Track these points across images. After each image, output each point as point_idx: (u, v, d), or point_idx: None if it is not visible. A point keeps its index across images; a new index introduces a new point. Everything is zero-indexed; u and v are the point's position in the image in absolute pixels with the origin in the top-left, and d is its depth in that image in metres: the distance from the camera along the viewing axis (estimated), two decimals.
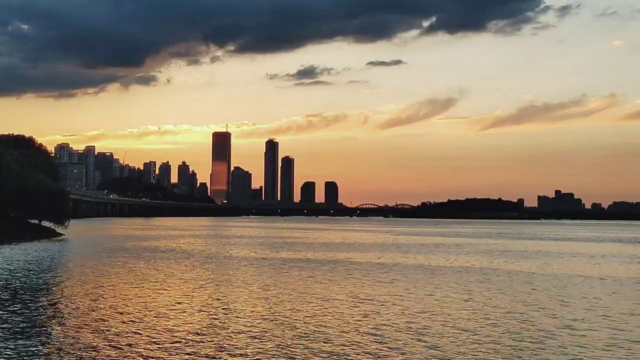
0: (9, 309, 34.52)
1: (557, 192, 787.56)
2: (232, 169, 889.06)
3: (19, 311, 33.80)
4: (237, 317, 33.17)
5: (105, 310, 34.65)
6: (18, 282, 46.92)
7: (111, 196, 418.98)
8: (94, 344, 26.35)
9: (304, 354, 25.13)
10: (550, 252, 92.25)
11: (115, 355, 24.69)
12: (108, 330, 29.08)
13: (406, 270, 59.84)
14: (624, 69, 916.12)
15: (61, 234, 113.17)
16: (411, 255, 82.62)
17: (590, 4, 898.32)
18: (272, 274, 55.00)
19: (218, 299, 39.47)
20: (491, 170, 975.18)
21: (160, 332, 28.92)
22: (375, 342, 27.34)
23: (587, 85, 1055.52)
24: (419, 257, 77.90)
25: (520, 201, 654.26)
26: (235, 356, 24.84)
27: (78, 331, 28.77)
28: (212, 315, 33.67)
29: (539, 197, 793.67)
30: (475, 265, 66.79)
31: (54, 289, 43.91)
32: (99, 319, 31.96)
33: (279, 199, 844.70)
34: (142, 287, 45.28)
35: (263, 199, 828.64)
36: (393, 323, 31.62)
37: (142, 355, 24.79)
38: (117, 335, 28.18)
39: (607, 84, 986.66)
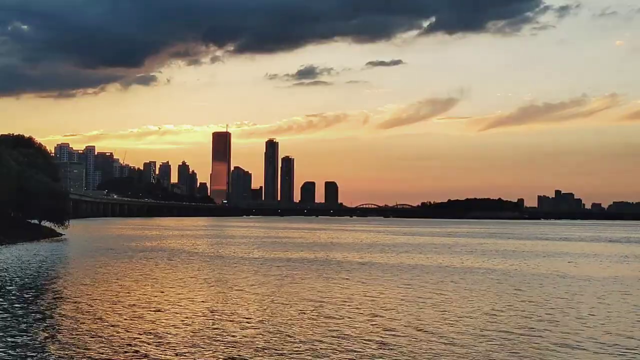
0: (8, 308, 34.59)
1: (557, 192, 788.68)
2: (232, 169, 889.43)
3: (18, 311, 33.89)
4: (236, 317, 33.25)
5: (104, 310, 34.73)
6: (17, 282, 47.00)
7: (111, 196, 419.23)
8: (92, 343, 26.43)
9: (303, 354, 25.20)
10: (549, 252, 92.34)
11: (113, 354, 24.76)
12: (107, 330, 29.17)
13: (405, 271, 59.94)
14: (625, 69, 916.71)
15: (61, 234, 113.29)
16: (410, 255, 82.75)
17: (590, 4, 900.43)
18: (271, 274, 55.07)
19: (217, 299, 39.57)
20: (491, 170, 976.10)
21: (159, 332, 28.99)
22: (373, 342, 27.43)
23: (588, 85, 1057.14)
24: (418, 258, 78.02)
25: (520, 201, 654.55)
26: (234, 356, 24.89)
27: (77, 331, 28.85)
28: (210, 315, 33.74)
29: (539, 197, 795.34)
30: (474, 266, 66.92)
31: (53, 289, 43.98)
32: (98, 319, 32.06)
33: (279, 199, 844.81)
34: (142, 287, 45.37)
35: (263, 199, 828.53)
36: (390, 323, 31.72)
37: (141, 354, 24.86)
38: (116, 335, 28.26)
39: (608, 84, 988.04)
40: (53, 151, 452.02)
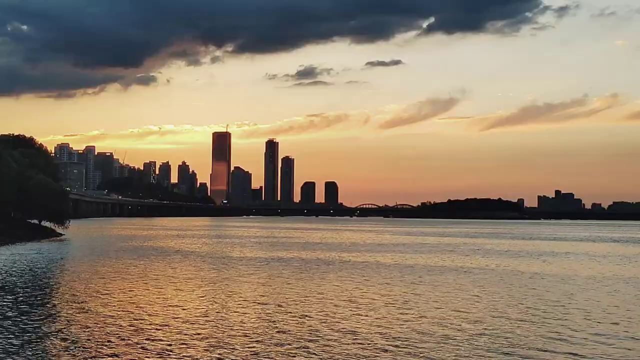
0: (8, 309, 34.86)
1: (557, 192, 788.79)
2: (232, 169, 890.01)
3: (18, 311, 34.13)
4: (236, 317, 33.52)
5: (104, 310, 34.96)
6: (17, 282, 47.27)
7: (111, 196, 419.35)
8: (92, 344, 26.67)
9: (303, 355, 25.51)
10: (549, 252, 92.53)
11: (113, 355, 25.04)
12: (106, 331, 29.39)
13: (404, 271, 60.21)
14: (626, 69, 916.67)
15: (61, 234, 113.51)
16: (409, 255, 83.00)
17: (589, 4, 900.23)
18: (271, 274, 55.33)
19: (216, 300, 39.82)
20: (491, 170, 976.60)
21: (159, 333, 29.24)
22: (372, 343, 27.71)
23: (589, 85, 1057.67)
24: (417, 258, 78.29)
25: (520, 201, 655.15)
26: (233, 357, 25.20)
27: (76, 331, 29.08)
28: (210, 315, 33.98)
29: (539, 197, 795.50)
30: (474, 266, 67.18)
31: (53, 289, 44.28)
32: (98, 319, 32.29)
33: (279, 199, 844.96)
34: (142, 287, 45.61)
35: (263, 199, 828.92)
36: (389, 324, 32.02)
37: (139, 354, 25.15)
38: (116, 335, 28.50)
39: (609, 84, 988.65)
40: (53, 151, 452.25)
